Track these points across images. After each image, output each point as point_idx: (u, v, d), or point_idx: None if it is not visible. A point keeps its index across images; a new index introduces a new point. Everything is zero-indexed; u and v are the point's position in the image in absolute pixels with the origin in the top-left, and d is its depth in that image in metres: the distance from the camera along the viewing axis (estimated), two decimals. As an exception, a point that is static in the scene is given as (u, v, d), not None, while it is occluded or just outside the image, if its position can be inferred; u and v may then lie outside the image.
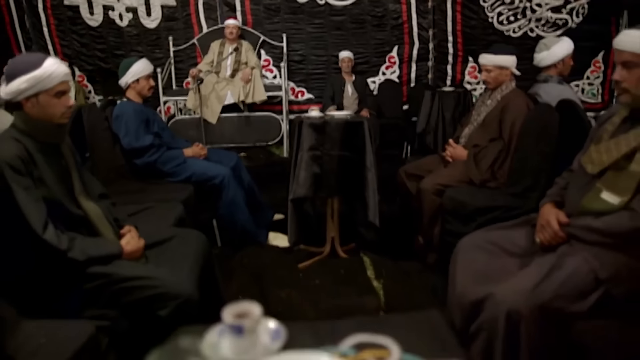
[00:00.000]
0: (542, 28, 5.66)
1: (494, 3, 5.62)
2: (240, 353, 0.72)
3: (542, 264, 1.54)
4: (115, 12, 5.63)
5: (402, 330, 0.90)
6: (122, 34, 5.70)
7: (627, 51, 1.53)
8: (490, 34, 5.65)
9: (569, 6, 5.60)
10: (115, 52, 5.74)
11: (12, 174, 1.59)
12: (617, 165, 1.54)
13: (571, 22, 5.64)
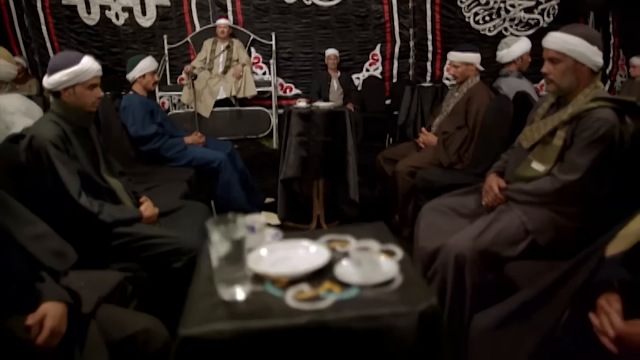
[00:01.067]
0: (515, 27, 6.10)
1: (471, 4, 6.05)
2: (254, 243, 1.08)
3: (484, 219, 1.95)
4: (111, 11, 5.97)
5: (358, 232, 1.25)
6: (118, 32, 6.04)
7: (552, 49, 1.93)
8: (467, 32, 6.08)
9: (540, 7, 6.05)
10: (112, 50, 6.09)
11: (55, 150, 1.97)
12: (544, 140, 1.95)
13: (542, 21, 6.08)
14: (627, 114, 1.87)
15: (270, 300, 0.93)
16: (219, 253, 0.93)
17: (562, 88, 1.94)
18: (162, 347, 1.59)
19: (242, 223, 0.93)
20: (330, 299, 0.91)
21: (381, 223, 1.32)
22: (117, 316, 1.60)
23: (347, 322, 0.85)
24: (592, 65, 1.90)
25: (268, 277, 0.99)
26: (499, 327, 1.39)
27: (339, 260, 1.04)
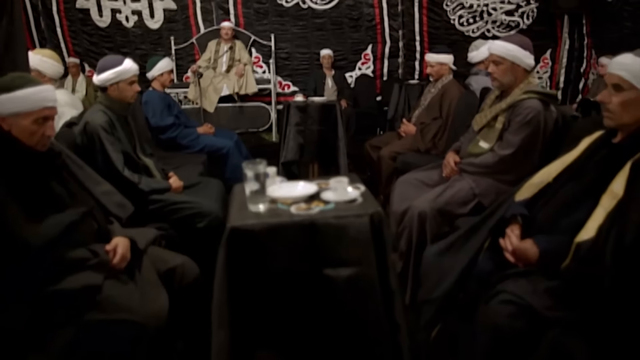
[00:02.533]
0: (497, 29, 6.68)
1: (456, 7, 6.62)
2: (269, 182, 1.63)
3: (442, 186, 2.53)
4: (122, 14, 6.53)
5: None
6: (127, 34, 6.61)
7: (495, 54, 2.51)
8: (452, 34, 6.65)
9: (520, 10, 6.61)
10: (122, 50, 6.63)
11: (104, 133, 2.54)
12: (489, 124, 2.54)
13: (522, 23, 6.65)
14: (552, 103, 2.45)
15: (280, 211, 1.50)
16: (250, 187, 1.52)
17: (503, 84, 2.52)
18: (193, 280, 2.14)
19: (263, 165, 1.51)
20: (317, 209, 1.47)
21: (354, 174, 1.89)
22: (161, 254, 2.16)
23: (327, 220, 1.41)
24: (525, 65, 2.48)
25: (279, 199, 1.57)
26: (442, 254, 1.97)
27: (323, 190, 1.62)
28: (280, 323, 1.45)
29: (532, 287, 1.59)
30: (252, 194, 1.54)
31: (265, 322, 1.45)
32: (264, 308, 1.43)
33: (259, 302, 1.43)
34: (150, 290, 1.87)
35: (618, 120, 1.69)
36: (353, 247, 1.39)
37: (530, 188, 1.91)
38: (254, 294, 1.42)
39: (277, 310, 1.43)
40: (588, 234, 1.58)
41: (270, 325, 1.46)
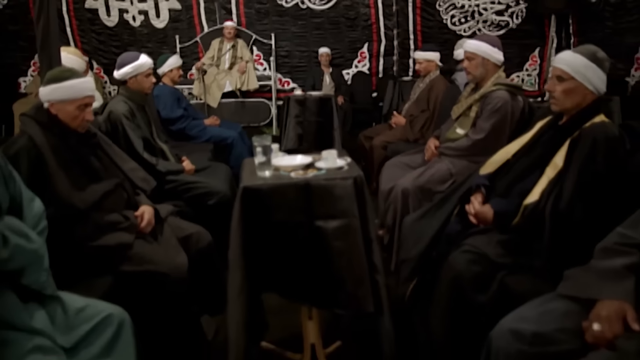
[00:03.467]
0: (488, 28, 7.06)
1: (448, 7, 7.00)
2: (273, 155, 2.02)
3: (423, 167, 2.91)
4: (129, 14, 6.91)
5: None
6: (134, 32, 6.98)
7: (468, 51, 2.88)
8: (444, 33, 7.03)
9: (509, 10, 7.00)
10: (129, 49, 6.97)
11: (126, 121, 2.91)
12: (464, 113, 2.92)
13: (512, 23, 7.04)
14: (518, 94, 2.83)
15: (282, 176, 1.88)
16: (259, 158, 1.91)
17: (476, 76, 2.90)
18: (206, 245, 2.51)
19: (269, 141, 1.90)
20: (311, 174, 1.85)
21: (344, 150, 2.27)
22: (178, 223, 2.53)
23: (319, 182, 1.78)
24: (495, 60, 2.85)
25: (281, 167, 1.94)
26: (418, 220, 2.35)
27: (317, 160, 2.00)
28: (281, 265, 1.83)
29: (487, 240, 1.97)
30: (260, 164, 1.93)
31: (270, 264, 1.83)
32: (269, 253, 1.81)
33: (265, 248, 1.80)
34: (172, 250, 2.25)
35: (561, 106, 2.07)
36: (340, 203, 1.76)
37: (492, 164, 2.29)
38: (261, 241, 1.80)
39: (278, 255, 1.81)
40: (533, 197, 1.96)
41: (274, 267, 1.83)
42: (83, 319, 1.61)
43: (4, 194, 1.52)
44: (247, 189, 1.77)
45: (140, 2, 6.87)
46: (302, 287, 1.87)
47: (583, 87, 2.00)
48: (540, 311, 1.49)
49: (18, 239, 1.42)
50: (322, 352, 2.15)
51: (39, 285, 1.55)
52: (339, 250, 1.78)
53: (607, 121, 2.01)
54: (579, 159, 1.92)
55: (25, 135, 2.04)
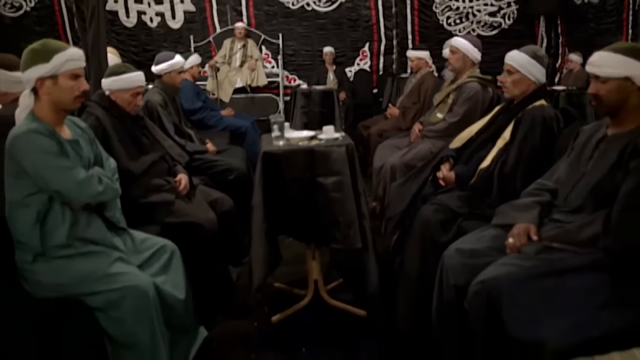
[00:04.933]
0: (481, 29, 7.67)
1: (444, 9, 7.62)
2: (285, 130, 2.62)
3: (408, 147, 3.53)
4: (146, 15, 7.56)
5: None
6: (151, 33, 7.63)
7: (453, 46, 3.50)
8: (440, 33, 7.64)
9: (502, 11, 7.61)
10: (146, 48, 7.67)
11: (161, 109, 3.55)
12: (443, 100, 3.54)
13: (504, 24, 7.65)
14: (489, 85, 3.45)
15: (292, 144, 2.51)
16: (274, 132, 2.54)
17: (455, 68, 3.52)
18: (229, 208, 3.14)
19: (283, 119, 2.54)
20: (314, 143, 2.48)
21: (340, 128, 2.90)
22: (206, 190, 3.15)
23: (320, 148, 2.40)
24: (473, 58, 3.47)
25: (291, 139, 2.58)
26: (401, 185, 2.96)
27: (319, 134, 2.63)
28: (291, 211, 2.46)
29: (450, 196, 2.59)
30: (275, 136, 2.57)
31: (283, 211, 2.46)
32: (282, 201, 2.44)
33: (279, 198, 2.43)
34: (203, 208, 2.87)
35: (511, 93, 2.68)
36: (335, 164, 2.38)
37: (459, 140, 2.91)
38: (276, 192, 2.42)
39: (289, 203, 2.44)
40: (486, 163, 2.58)
41: (286, 212, 2.46)
42: (145, 247, 2.25)
43: (90, 151, 2.15)
44: (266, 153, 2.40)
45: (157, 4, 7.52)
46: (307, 228, 2.50)
47: (527, 79, 2.61)
48: (477, 236, 2.11)
49: (107, 180, 2.06)
50: (323, 288, 2.78)
51: (115, 219, 2.18)
52: (335, 199, 2.40)
53: (546, 105, 2.62)
54: (521, 133, 2.53)
55: (92, 116, 2.67)
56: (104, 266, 1.98)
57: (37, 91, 1.96)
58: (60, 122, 2.03)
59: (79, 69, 2.01)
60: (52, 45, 1.99)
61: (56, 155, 1.90)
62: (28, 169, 1.86)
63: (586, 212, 1.88)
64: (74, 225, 1.99)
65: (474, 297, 1.79)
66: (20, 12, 7.56)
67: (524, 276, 1.70)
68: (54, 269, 1.94)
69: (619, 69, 1.84)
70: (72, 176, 1.91)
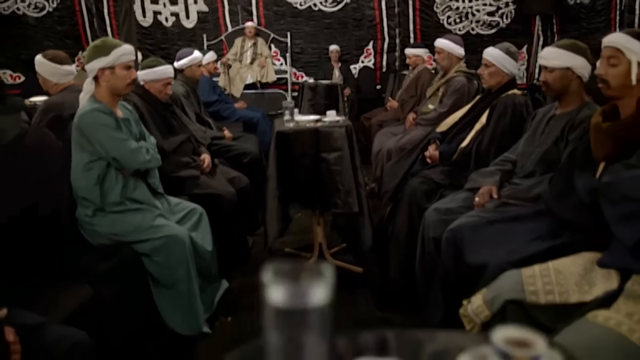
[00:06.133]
0: (480, 28, 8.13)
1: (444, 9, 8.09)
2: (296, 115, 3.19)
3: (403, 133, 4.04)
4: (162, 15, 8.09)
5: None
6: (167, 32, 8.15)
7: (438, 46, 4.01)
8: (441, 32, 8.07)
9: (500, 11, 8.06)
10: (161, 46, 8.19)
11: (184, 99, 4.07)
12: (434, 93, 4.04)
13: (502, 23, 8.11)
14: (474, 79, 3.95)
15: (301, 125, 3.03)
16: (286, 116, 3.05)
17: (443, 66, 4.03)
18: (245, 185, 3.66)
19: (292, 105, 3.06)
20: (319, 124, 3.00)
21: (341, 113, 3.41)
22: (225, 169, 3.67)
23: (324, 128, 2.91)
24: (457, 55, 3.98)
25: (300, 121, 3.09)
26: (394, 164, 3.48)
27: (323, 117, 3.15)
28: (299, 181, 2.98)
29: (434, 170, 3.10)
30: (286, 119, 3.09)
31: (292, 180, 2.98)
32: (292, 172, 2.95)
33: (289, 169, 2.95)
34: (224, 183, 3.39)
35: (488, 83, 3.18)
36: (336, 142, 2.89)
37: (445, 125, 3.42)
38: (287, 165, 2.94)
39: (298, 174, 2.96)
40: (465, 143, 3.09)
41: (295, 182, 2.98)
42: (179, 209, 2.77)
43: (137, 129, 2.67)
44: (279, 133, 2.92)
45: (172, 4, 8.05)
46: (313, 196, 3.02)
47: (501, 71, 3.11)
48: (452, 198, 2.62)
49: (152, 151, 2.58)
50: (327, 250, 3.29)
51: (155, 185, 2.70)
52: (336, 171, 2.92)
53: (518, 93, 3.12)
54: (495, 117, 3.03)
55: (130, 102, 3.17)
56: (149, 220, 2.50)
57: (98, 79, 2.48)
58: (115, 104, 2.55)
59: (130, 61, 2.53)
60: (110, 42, 2.51)
61: (114, 129, 2.42)
62: (92, 140, 2.38)
63: (536, 176, 2.38)
64: (125, 187, 2.51)
65: (445, 242, 2.30)
66: (43, 12, 8.10)
67: (481, 223, 2.20)
68: (110, 221, 2.46)
69: (562, 61, 2.34)
70: (126, 146, 2.43)
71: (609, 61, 1.89)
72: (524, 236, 1.99)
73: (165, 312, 2.51)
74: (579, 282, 1.62)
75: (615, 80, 1.86)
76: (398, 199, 3.31)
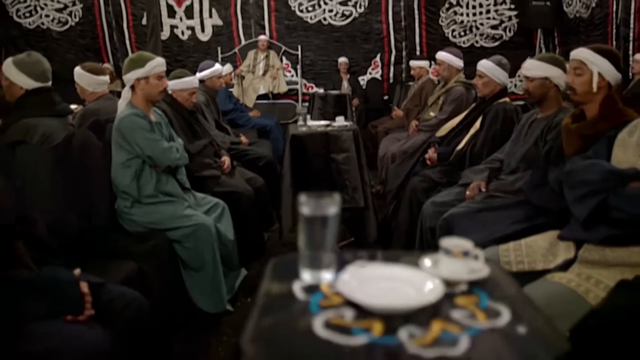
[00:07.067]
0: (484, 41, 8.50)
1: (449, 22, 8.47)
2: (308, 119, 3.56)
3: (406, 139, 4.41)
4: (178, 29, 8.54)
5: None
6: (183, 45, 8.61)
7: (438, 58, 4.38)
8: (446, 45, 8.42)
9: (503, 25, 8.44)
10: (177, 58, 8.63)
11: (204, 107, 4.46)
12: (435, 101, 4.41)
13: (505, 36, 8.47)
14: (472, 89, 4.31)
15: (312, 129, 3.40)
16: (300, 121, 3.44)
17: (444, 77, 4.39)
18: (261, 185, 4.02)
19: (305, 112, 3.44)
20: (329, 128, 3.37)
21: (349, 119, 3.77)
22: (242, 169, 4.05)
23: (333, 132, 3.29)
24: (457, 66, 4.34)
25: (312, 125, 3.47)
26: (397, 166, 3.83)
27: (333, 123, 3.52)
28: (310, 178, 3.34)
29: (433, 170, 3.45)
30: (300, 124, 3.47)
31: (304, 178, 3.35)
32: (304, 171, 3.33)
33: (302, 168, 3.32)
34: (242, 182, 3.77)
35: (482, 92, 3.54)
36: (344, 144, 3.26)
37: (444, 130, 3.78)
38: (300, 164, 3.32)
39: (309, 172, 3.33)
40: (461, 145, 3.45)
41: (306, 179, 3.35)
42: (204, 203, 3.14)
43: (167, 131, 3.05)
44: (293, 136, 3.30)
45: (188, 19, 8.51)
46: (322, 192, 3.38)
47: (493, 81, 3.47)
48: (447, 192, 2.98)
49: (181, 151, 2.96)
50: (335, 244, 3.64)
51: (183, 181, 3.07)
52: (344, 170, 3.29)
53: (508, 101, 3.48)
54: (487, 122, 3.38)
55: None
56: (180, 210, 2.87)
57: (134, 88, 2.87)
58: (149, 109, 2.94)
59: (162, 72, 2.91)
60: (145, 56, 2.90)
61: (149, 130, 2.81)
62: (130, 140, 2.77)
63: (519, 172, 2.74)
64: (159, 181, 2.88)
65: (439, 228, 2.65)
66: (66, 26, 8.58)
67: (470, 211, 2.56)
68: (146, 211, 2.83)
69: (541, 71, 2.70)
70: (159, 146, 2.81)
71: (575, 71, 2.24)
72: (505, 221, 2.34)
73: (193, 292, 2.87)
74: (545, 254, 1.97)
75: (580, 87, 2.22)
76: (400, 197, 3.66)
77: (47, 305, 1.65)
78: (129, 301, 1.89)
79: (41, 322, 1.61)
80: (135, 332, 1.88)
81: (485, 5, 8.35)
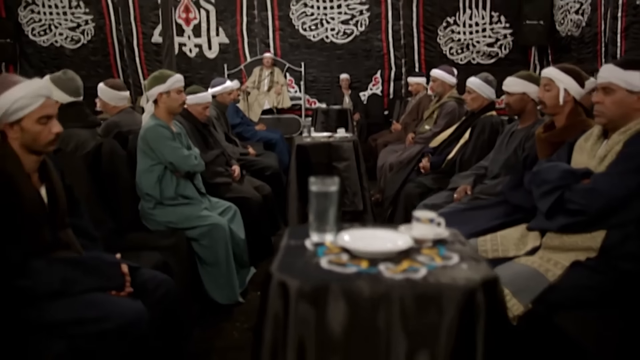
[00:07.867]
0: (480, 58, 8.89)
1: (447, 40, 8.87)
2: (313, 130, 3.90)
3: (403, 150, 4.77)
4: (186, 47, 8.95)
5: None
6: (190, 62, 9.01)
7: (432, 75, 4.76)
8: (444, 62, 8.85)
9: (499, 42, 8.82)
10: (185, 75, 8.94)
11: (215, 121, 4.84)
12: (430, 115, 4.78)
13: (501, 53, 8.85)
14: (463, 103, 4.68)
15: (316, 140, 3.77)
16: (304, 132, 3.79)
17: (438, 93, 4.77)
18: (268, 193, 4.38)
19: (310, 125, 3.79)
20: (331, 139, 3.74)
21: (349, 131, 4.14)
22: (251, 178, 4.41)
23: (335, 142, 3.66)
24: (450, 82, 4.72)
25: (315, 136, 3.83)
26: (394, 174, 4.19)
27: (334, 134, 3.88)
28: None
29: (426, 177, 3.81)
30: (304, 135, 3.84)
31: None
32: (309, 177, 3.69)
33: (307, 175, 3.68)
34: (251, 189, 4.13)
35: (471, 107, 3.91)
36: (345, 153, 3.63)
37: (436, 141, 4.14)
38: (305, 172, 3.67)
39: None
40: (452, 155, 3.81)
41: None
42: (218, 206, 3.49)
43: (185, 141, 3.42)
44: (299, 145, 3.67)
45: (195, 37, 8.93)
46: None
47: (481, 96, 3.84)
48: (437, 196, 3.33)
49: (198, 157, 3.32)
50: (336, 245, 3.99)
51: (199, 186, 3.43)
52: (345, 177, 3.65)
53: (495, 115, 3.84)
54: (475, 134, 3.75)
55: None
56: (197, 211, 3.23)
57: (157, 101, 3.24)
58: (170, 120, 3.31)
59: (181, 86, 3.29)
60: (166, 73, 3.28)
61: (170, 139, 3.17)
62: (154, 148, 3.13)
63: (500, 177, 3.09)
64: (178, 185, 3.24)
65: (429, 227, 3.00)
66: (78, 44, 9.01)
67: (456, 211, 2.91)
68: (167, 212, 3.19)
69: (519, 87, 3.06)
70: (179, 153, 3.18)
71: (545, 87, 2.61)
72: (486, 218, 2.69)
73: (208, 285, 3.22)
74: (517, 243, 2.32)
75: (549, 101, 2.59)
76: (397, 203, 4.01)
77: (95, 280, 2.01)
78: (160, 282, 2.24)
79: (92, 294, 1.96)
80: (166, 309, 2.22)
81: (482, 24, 8.73)
